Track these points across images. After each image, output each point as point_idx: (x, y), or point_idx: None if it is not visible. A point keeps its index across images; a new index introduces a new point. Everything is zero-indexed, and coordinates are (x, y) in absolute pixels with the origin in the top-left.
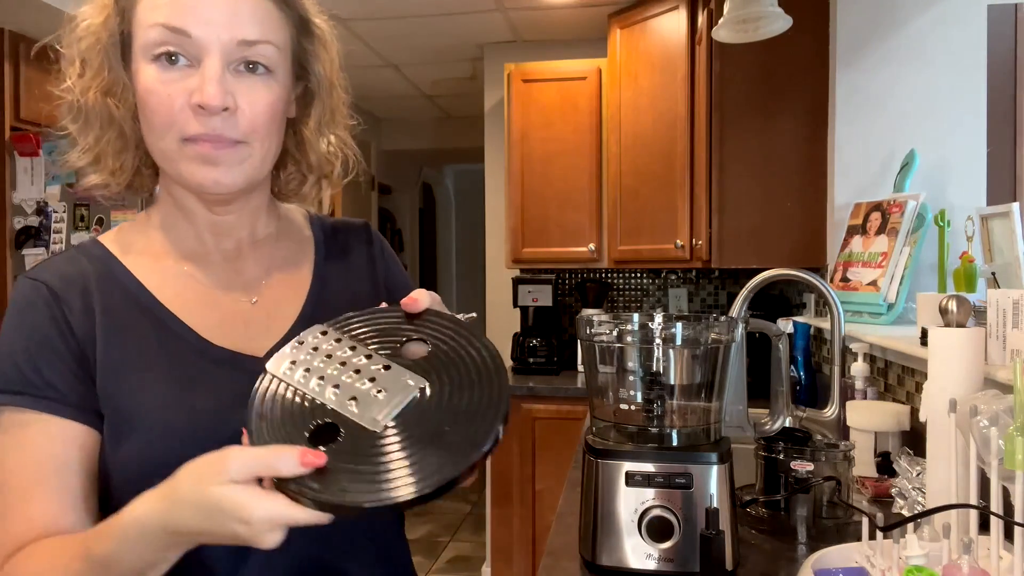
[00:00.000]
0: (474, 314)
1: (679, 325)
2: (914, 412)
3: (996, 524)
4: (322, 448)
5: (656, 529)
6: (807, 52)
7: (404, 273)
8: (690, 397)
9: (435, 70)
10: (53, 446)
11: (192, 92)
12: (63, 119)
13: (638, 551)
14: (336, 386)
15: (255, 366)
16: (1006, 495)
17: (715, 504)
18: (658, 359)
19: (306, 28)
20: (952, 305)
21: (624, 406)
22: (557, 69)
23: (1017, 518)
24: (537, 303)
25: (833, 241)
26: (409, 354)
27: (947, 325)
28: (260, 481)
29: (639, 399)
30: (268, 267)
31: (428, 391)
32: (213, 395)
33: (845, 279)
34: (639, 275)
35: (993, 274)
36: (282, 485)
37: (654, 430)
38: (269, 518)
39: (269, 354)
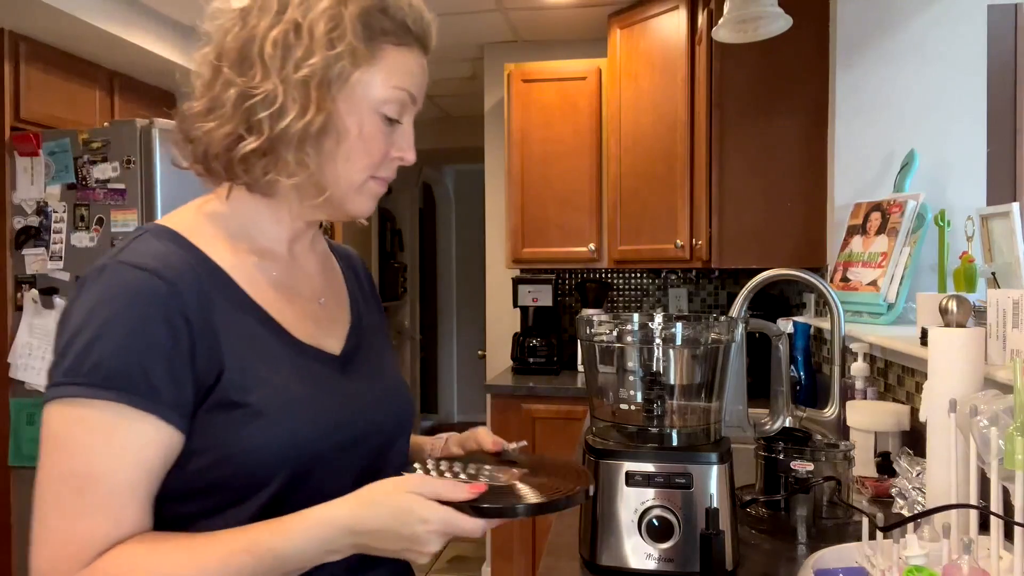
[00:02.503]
0: (524, 442)
1: (679, 325)
2: (914, 412)
3: (996, 524)
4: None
5: (656, 529)
6: (807, 52)
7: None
8: (690, 397)
9: (435, 70)
10: (147, 450)
11: (398, 147)
12: (265, 109)
13: (638, 551)
14: (466, 475)
15: (333, 361)
16: (1006, 495)
17: (715, 504)
18: (658, 359)
19: None
20: (952, 305)
21: (624, 406)
22: (557, 69)
23: (1017, 518)
24: (537, 303)
25: (833, 241)
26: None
27: (947, 325)
28: None
29: (639, 399)
30: (323, 274)
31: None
32: (318, 389)
33: (845, 279)
34: (639, 275)
35: (993, 274)
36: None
37: (654, 430)
38: (443, 519)
39: (343, 352)
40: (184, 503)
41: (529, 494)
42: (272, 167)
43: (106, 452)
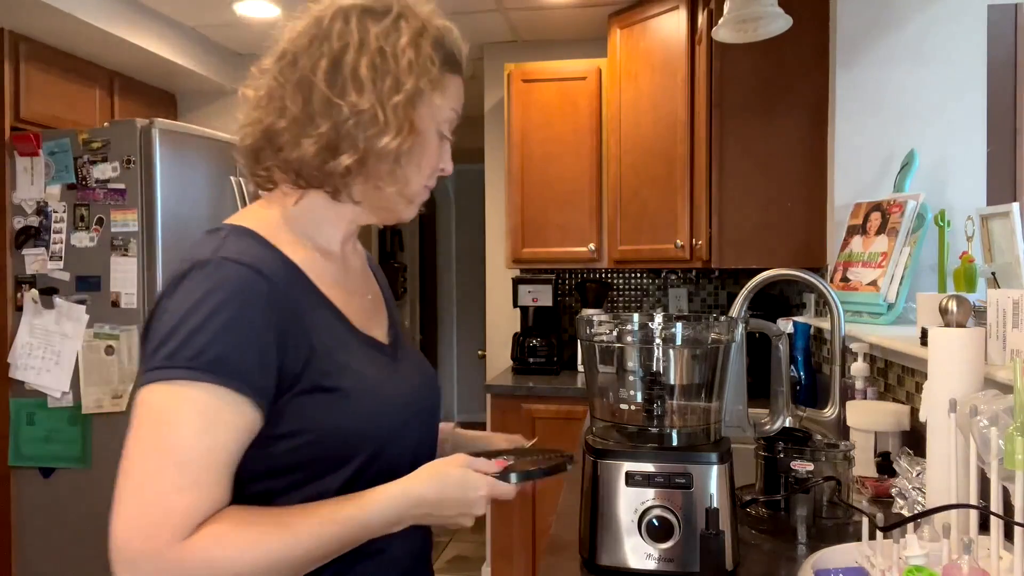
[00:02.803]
0: (535, 439)
1: (679, 325)
2: (914, 412)
3: (996, 524)
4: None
5: (656, 529)
6: (807, 52)
7: None
8: (690, 397)
9: None
10: (238, 431)
11: (442, 159)
12: (366, 130)
13: (638, 551)
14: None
15: (387, 350)
16: (1006, 495)
17: (715, 504)
18: (658, 359)
19: None
20: (952, 305)
21: (624, 406)
22: (557, 69)
23: (1017, 518)
24: (537, 303)
25: (833, 241)
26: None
27: (947, 325)
28: None
29: (639, 399)
30: (363, 270)
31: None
32: (379, 370)
33: (845, 279)
34: (639, 275)
35: (993, 274)
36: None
37: (654, 430)
38: (490, 485)
39: (391, 342)
40: (269, 480)
41: (539, 463)
42: (365, 178)
43: (206, 431)
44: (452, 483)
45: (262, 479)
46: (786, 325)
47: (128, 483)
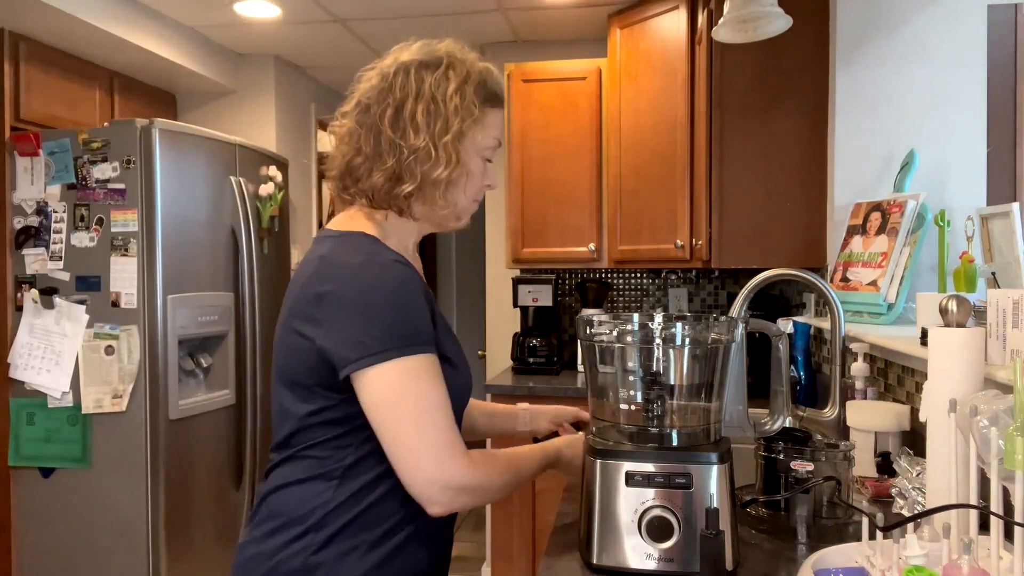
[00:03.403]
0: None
1: (679, 325)
2: (914, 412)
3: (996, 524)
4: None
5: (656, 529)
6: (807, 52)
7: None
8: (690, 397)
9: None
10: (443, 382)
11: (487, 178)
12: (423, 164)
13: (638, 551)
14: None
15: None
16: (1006, 495)
17: (715, 504)
18: (658, 359)
19: None
20: (952, 305)
21: (624, 406)
22: (557, 69)
23: (1017, 518)
24: (537, 303)
25: (833, 241)
26: None
27: (947, 325)
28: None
29: (639, 399)
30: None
31: None
32: (456, 354)
33: (845, 279)
34: (639, 275)
35: (993, 274)
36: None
37: (654, 430)
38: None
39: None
40: (334, 427)
41: None
42: (423, 201)
43: (440, 387)
44: (578, 449)
45: (331, 427)
46: (786, 325)
47: (404, 434)
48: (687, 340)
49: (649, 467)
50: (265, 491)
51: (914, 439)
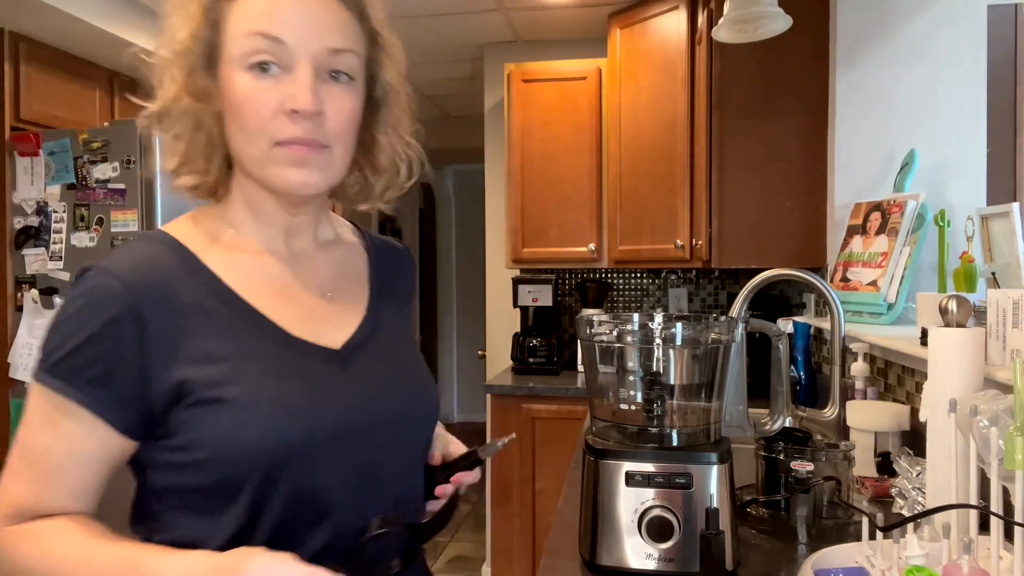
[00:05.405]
0: (513, 435)
1: (679, 325)
2: (914, 412)
3: (996, 524)
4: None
5: (656, 529)
6: (807, 52)
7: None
8: (690, 397)
9: (435, 70)
10: (80, 442)
11: (286, 98)
12: (153, 127)
13: (638, 551)
14: None
15: (332, 356)
16: (1006, 495)
17: (715, 504)
18: (658, 359)
19: (375, 39)
20: (952, 305)
21: (624, 406)
22: (557, 69)
23: (1017, 518)
24: (537, 303)
25: (833, 241)
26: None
27: (947, 325)
28: None
29: (639, 399)
30: (333, 269)
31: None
32: (302, 383)
33: (845, 279)
34: (639, 275)
35: (993, 274)
36: None
37: (654, 430)
38: None
39: (346, 346)
40: (165, 500)
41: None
42: (217, 166)
43: (44, 434)
44: (262, 566)
45: (162, 498)
46: (786, 325)
47: None
48: (687, 340)
49: (649, 467)
50: None
51: (914, 439)
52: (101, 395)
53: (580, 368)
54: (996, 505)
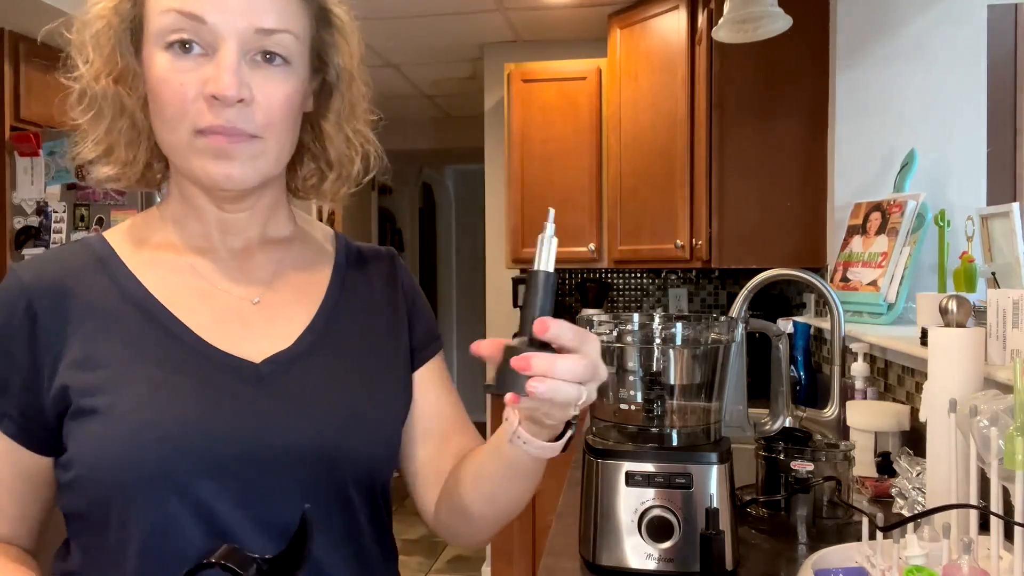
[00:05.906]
0: None
1: (679, 325)
2: (914, 412)
3: (996, 524)
4: None
5: (656, 529)
6: (807, 52)
7: (428, 306)
8: (690, 397)
9: (435, 70)
10: None
11: (206, 82)
12: (72, 109)
13: (638, 551)
14: None
15: (246, 371)
16: (1006, 495)
17: (715, 504)
18: (658, 359)
19: (325, 18)
20: (952, 305)
21: (624, 406)
22: (557, 69)
23: (1017, 518)
24: None
25: (833, 241)
26: None
27: (947, 325)
28: None
29: (639, 399)
30: (277, 269)
31: None
32: (197, 395)
33: (845, 279)
34: (639, 275)
35: (993, 274)
36: None
37: (654, 430)
38: None
39: (270, 360)
40: (67, 527)
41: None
42: (142, 156)
43: None
44: None
45: (70, 520)
46: (786, 325)
47: None
48: (687, 340)
49: (649, 467)
50: None
51: (914, 439)
52: (7, 407)
53: None
54: (996, 505)
